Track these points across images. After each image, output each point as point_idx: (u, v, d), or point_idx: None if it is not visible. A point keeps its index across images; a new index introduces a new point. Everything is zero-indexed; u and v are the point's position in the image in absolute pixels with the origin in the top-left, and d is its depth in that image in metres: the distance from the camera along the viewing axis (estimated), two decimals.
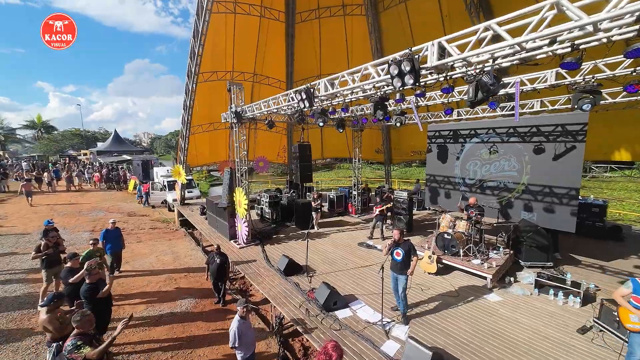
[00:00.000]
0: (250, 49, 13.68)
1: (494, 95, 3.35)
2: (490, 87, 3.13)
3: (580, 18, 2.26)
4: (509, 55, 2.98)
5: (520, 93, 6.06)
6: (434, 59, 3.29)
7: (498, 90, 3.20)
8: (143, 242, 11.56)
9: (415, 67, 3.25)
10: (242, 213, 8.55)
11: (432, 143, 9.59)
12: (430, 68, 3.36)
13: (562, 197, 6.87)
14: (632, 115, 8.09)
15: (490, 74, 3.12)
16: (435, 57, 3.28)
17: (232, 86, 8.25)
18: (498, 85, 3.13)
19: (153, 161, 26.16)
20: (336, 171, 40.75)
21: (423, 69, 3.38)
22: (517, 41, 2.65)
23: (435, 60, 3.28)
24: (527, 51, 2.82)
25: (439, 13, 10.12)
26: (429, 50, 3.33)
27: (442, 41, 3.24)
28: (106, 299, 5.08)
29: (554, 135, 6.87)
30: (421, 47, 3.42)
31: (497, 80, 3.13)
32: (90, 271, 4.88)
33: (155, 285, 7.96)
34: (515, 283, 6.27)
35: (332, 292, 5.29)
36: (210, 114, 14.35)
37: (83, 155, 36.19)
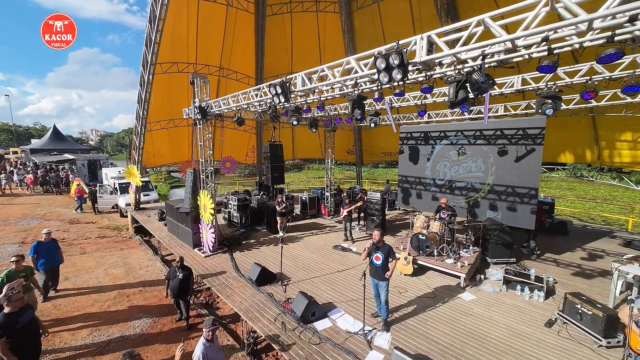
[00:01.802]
0: (216, 40, 12.74)
1: (484, 94, 3.30)
2: (482, 85, 3.05)
3: (577, 15, 2.22)
4: (499, 52, 2.93)
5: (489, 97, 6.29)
6: (422, 54, 3.13)
7: (489, 89, 3.16)
8: (88, 253, 10.08)
9: (404, 61, 3.05)
10: (207, 218, 7.79)
11: (404, 144, 9.72)
12: (419, 63, 3.20)
13: (523, 197, 7.32)
14: (576, 121, 8.98)
15: (481, 71, 3.05)
16: (424, 51, 3.12)
17: (196, 78, 7.48)
18: (489, 84, 3.07)
19: (102, 161, 23.41)
20: (306, 172, 40.50)
21: (410, 64, 3.20)
22: (510, 37, 2.58)
23: (425, 55, 3.11)
24: (517, 50, 2.78)
25: (410, 16, 10.37)
26: (418, 45, 3.16)
27: (432, 35, 3.09)
28: (32, 329, 4.14)
29: (516, 138, 7.30)
30: (409, 40, 3.23)
31: (488, 78, 3.06)
32: (10, 297, 3.93)
33: (103, 304, 6.87)
34: (485, 280, 6.50)
35: (310, 302, 4.94)
36: (171, 109, 13.12)
37: (13, 153, 31.12)
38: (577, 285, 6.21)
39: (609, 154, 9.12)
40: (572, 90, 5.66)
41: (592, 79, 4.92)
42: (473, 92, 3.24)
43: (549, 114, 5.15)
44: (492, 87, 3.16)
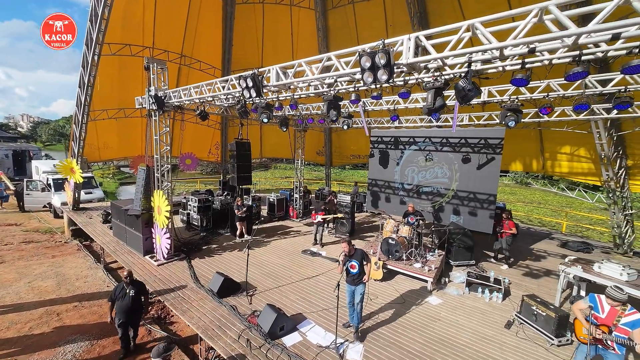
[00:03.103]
0: (178, 24, 11.57)
1: (468, 101, 3.27)
2: (468, 92, 3.01)
3: (567, 28, 2.23)
4: (481, 61, 2.91)
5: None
6: (409, 55, 2.98)
7: (474, 97, 3.13)
8: (7, 263, 8.44)
9: (391, 61, 2.87)
10: (162, 222, 6.93)
11: (374, 148, 9.78)
12: (404, 65, 3.05)
13: (483, 202, 7.77)
14: (526, 134, 9.86)
15: (468, 78, 3.00)
16: (411, 53, 2.97)
17: (152, 64, 6.61)
18: (476, 92, 3.04)
19: (32, 152, 20.12)
20: (273, 171, 39.58)
21: (396, 65, 3.04)
22: (500, 45, 2.53)
23: (411, 57, 2.97)
24: (502, 59, 2.79)
25: (384, 21, 10.50)
26: (404, 45, 3.00)
27: (420, 36, 2.95)
28: None
29: (479, 147, 7.72)
30: (395, 40, 3.06)
31: (475, 86, 3.02)
32: None
33: (23, 326, 5.70)
34: (450, 283, 6.72)
35: (278, 316, 4.55)
36: (121, 96, 11.64)
37: None
38: (528, 286, 6.71)
39: (551, 165, 10.21)
40: (528, 105, 6.10)
41: (548, 95, 5.33)
42: (458, 99, 3.20)
43: (511, 126, 5.45)
44: (478, 95, 3.16)
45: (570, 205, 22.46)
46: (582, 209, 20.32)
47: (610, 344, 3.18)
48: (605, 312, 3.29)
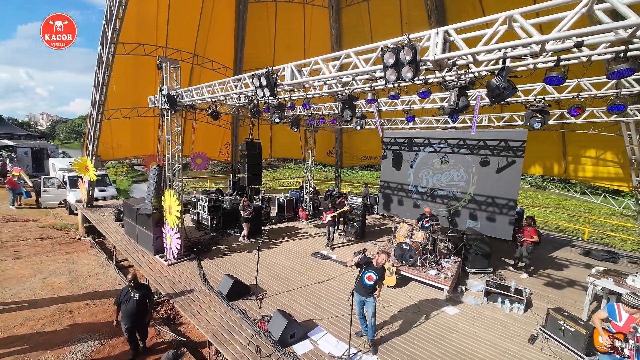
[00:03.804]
0: (191, 24, 11.60)
1: (503, 100, 3.03)
2: (503, 90, 2.77)
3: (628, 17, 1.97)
4: (515, 57, 2.66)
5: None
6: (437, 51, 2.77)
7: (509, 95, 2.89)
8: (24, 258, 8.59)
9: (417, 57, 2.67)
10: (172, 222, 6.90)
11: (387, 149, 9.53)
12: (431, 62, 2.83)
13: (502, 207, 7.42)
14: (548, 136, 9.41)
15: (503, 76, 2.76)
16: (438, 48, 2.76)
17: (165, 63, 6.58)
18: (511, 90, 2.80)
19: (50, 150, 20.69)
20: (281, 171, 39.59)
21: (422, 62, 2.83)
22: (542, 39, 2.29)
23: (439, 53, 2.76)
24: (536, 55, 2.54)
25: (399, 19, 10.23)
26: (432, 40, 2.79)
27: (450, 30, 2.73)
28: None
29: (498, 150, 7.38)
30: (421, 35, 2.86)
31: (510, 84, 2.78)
32: None
33: (36, 323, 5.73)
34: (467, 291, 6.42)
35: (289, 323, 4.40)
36: (135, 96, 11.76)
37: None
38: (551, 297, 6.35)
39: (574, 169, 9.71)
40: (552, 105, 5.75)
41: (579, 95, 4.99)
42: (490, 98, 2.97)
43: (537, 128, 5.14)
44: (513, 94, 2.91)
45: (589, 210, 21.50)
46: (602, 214, 19.41)
47: (628, 352, 3.04)
48: (622, 320, 3.18)
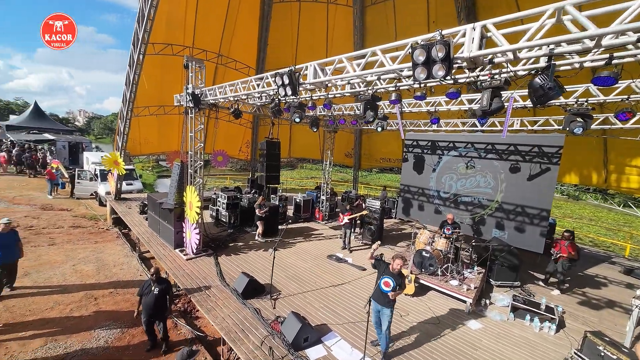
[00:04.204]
0: (217, 24, 11.89)
1: (547, 102, 2.76)
2: (548, 91, 2.52)
3: None
4: (572, 53, 2.40)
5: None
6: (472, 48, 2.57)
7: (556, 96, 2.63)
8: (57, 245, 9.14)
9: (450, 54, 2.49)
10: (192, 217, 7.06)
11: (408, 152, 9.22)
12: (465, 60, 2.64)
13: (533, 218, 6.92)
14: (587, 142, 8.68)
15: (548, 75, 2.50)
16: (474, 45, 2.56)
17: (191, 62, 6.74)
18: (558, 91, 2.54)
19: (85, 144, 22.08)
20: (299, 171, 39.78)
21: (456, 60, 2.64)
22: (598, 32, 2.03)
23: (475, 50, 2.56)
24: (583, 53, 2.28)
25: (427, 16, 9.88)
26: (467, 36, 2.60)
27: (488, 25, 2.52)
28: None
29: (531, 156, 6.89)
30: (455, 30, 2.67)
31: (557, 84, 2.52)
32: None
33: (65, 308, 6.05)
34: (491, 305, 6.04)
35: (303, 326, 4.32)
36: (162, 94, 12.22)
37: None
38: (587, 318, 5.82)
39: (616, 179, 8.88)
40: (597, 109, 5.26)
41: (629, 97, 4.51)
42: (533, 100, 2.72)
43: (577, 133, 4.72)
44: (560, 95, 2.64)
45: (630, 224, 19.70)
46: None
47: None
48: None
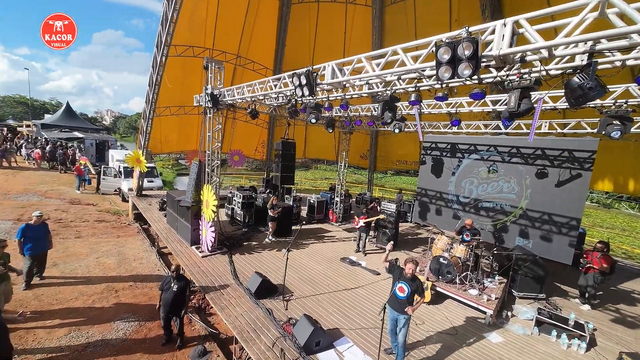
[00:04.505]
0: (236, 26, 12.11)
1: (586, 103, 2.56)
2: (589, 91, 2.32)
3: None
4: (615, 49, 2.19)
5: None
6: (502, 45, 2.41)
7: (596, 97, 2.42)
8: (83, 238, 9.60)
9: (478, 52, 2.35)
10: (209, 215, 7.19)
11: (427, 155, 8.95)
12: (494, 58, 2.49)
13: (561, 227, 6.50)
14: (624, 147, 8.08)
15: (589, 74, 2.30)
16: (505, 42, 2.40)
17: (211, 63, 6.88)
18: (599, 91, 2.34)
19: (110, 142, 23.19)
20: (313, 171, 39.84)
21: (483, 58, 2.49)
22: None
23: (505, 47, 2.40)
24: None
25: (449, 15, 9.56)
26: (497, 33, 2.44)
27: (521, 20, 2.36)
28: None
29: (560, 161, 6.48)
30: (483, 27, 2.52)
31: (599, 83, 2.32)
32: None
33: (88, 298, 6.32)
34: (513, 318, 5.72)
35: (315, 330, 4.26)
36: (183, 95, 12.58)
37: (25, 127, 31.28)
38: (621, 337, 5.38)
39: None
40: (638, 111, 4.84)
41: None
42: (570, 101, 2.52)
43: (615, 137, 4.36)
44: (602, 95, 2.43)
45: None
46: None
47: None
48: None
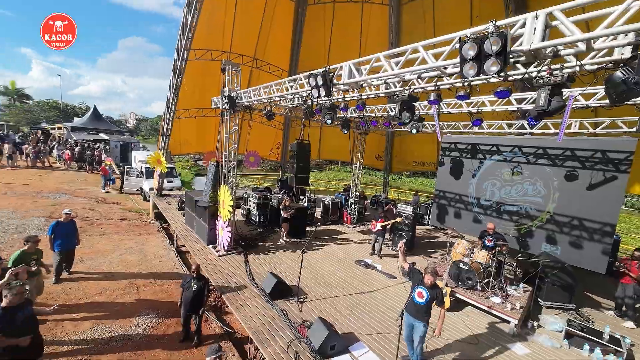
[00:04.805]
0: (253, 29, 12.30)
1: (629, 100, 2.38)
2: (634, 86, 2.13)
3: None
4: None
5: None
6: (534, 39, 2.26)
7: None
8: (108, 235, 10.04)
9: (507, 47, 2.22)
10: (225, 215, 7.30)
11: (445, 156, 8.68)
12: (524, 53, 2.34)
13: (593, 233, 6.07)
14: None
15: (635, 68, 2.11)
16: (537, 36, 2.25)
17: (228, 66, 7.00)
18: None
19: (134, 144, 24.17)
20: (327, 172, 39.78)
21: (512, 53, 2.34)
22: None
23: (537, 41, 2.25)
24: None
25: (469, 11, 9.23)
26: (528, 26, 2.29)
27: (555, 11, 2.20)
28: (30, 322, 3.73)
29: (592, 162, 6.07)
30: (512, 21, 2.37)
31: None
32: (12, 287, 3.50)
33: (112, 294, 6.57)
34: (539, 328, 5.41)
35: (330, 333, 4.19)
36: (201, 98, 12.93)
37: (57, 129, 33.33)
38: None
39: None
40: None
41: None
42: (612, 98, 2.33)
43: None
44: None
45: None
46: None
47: None
48: None
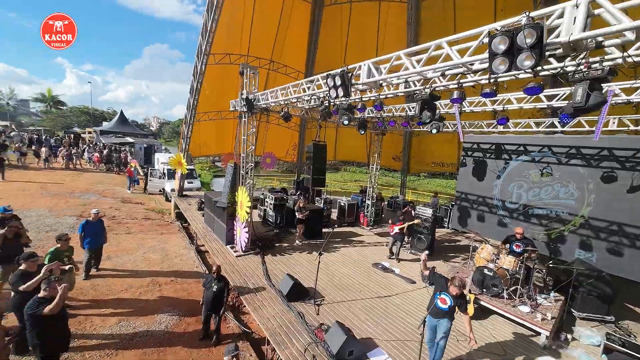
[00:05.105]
0: (270, 32, 12.46)
1: None
2: None
3: None
4: None
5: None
6: (574, 29, 2.07)
7: None
8: (132, 234, 10.48)
9: (543, 39, 2.05)
10: (243, 216, 7.40)
11: (467, 156, 8.34)
12: (563, 45, 2.15)
13: (635, 239, 5.59)
14: None
15: None
16: (577, 26, 2.06)
17: (246, 69, 7.10)
18: None
19: (157, 146, 25.23)
20: (342, 173, 39.55)
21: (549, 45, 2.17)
22: None
23: (577, 32, 2.06)
24: None
25: (493, 6, 8.82)
26: (567, 16, 2.10)
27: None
28: (59, 315, 3.92)
29: (633, 162, 5.59)
30: (548, 11, 2.20)
31: None
32: (50, 283, 3.72)
33: (136, 291, 6.83)
34: (573, 342, 5.03)
35: (348, 339, 4.11)
36: (220, 101, 13.24)
37: (88, 133, 35.50)
38: None
39: None
40: None
41: None
42: None
43: None
44: None
45: None
46: None
47: None
48: None
